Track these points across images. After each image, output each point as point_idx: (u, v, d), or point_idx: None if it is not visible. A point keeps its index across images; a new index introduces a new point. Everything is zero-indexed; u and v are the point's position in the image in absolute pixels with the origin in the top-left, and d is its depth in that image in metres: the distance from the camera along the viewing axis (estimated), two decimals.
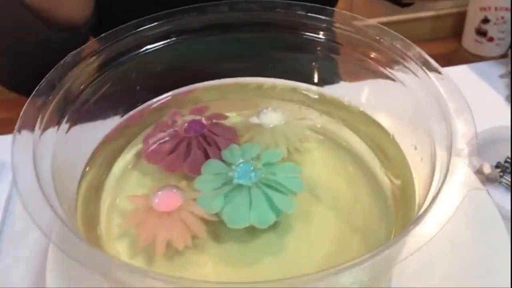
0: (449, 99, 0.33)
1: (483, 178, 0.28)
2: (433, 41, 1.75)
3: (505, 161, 0.50)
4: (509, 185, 0.46)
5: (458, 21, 1.74)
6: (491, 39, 1.64)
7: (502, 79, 0.58)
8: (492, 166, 0.31)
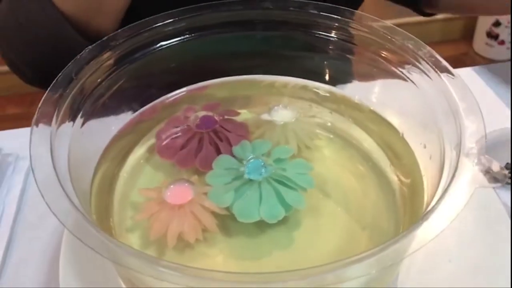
0: (459, 99, 0.33)
1: (491, 177, 0.28)
2: (443, 43, 1.75)
3: None
4: None
5: (469, 24, 1.73)
6: (502, 42, 1.64)
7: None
8: (500, 165, 0.31)
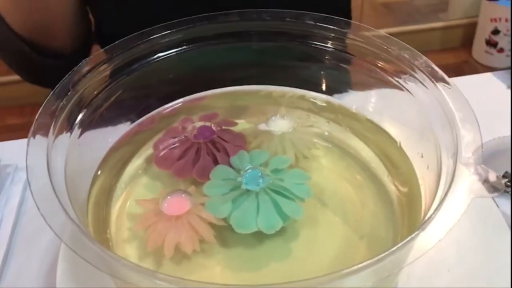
0: (456, 108, 0.33)
1: (490, 186, 0.28)
2: (443, 51, 1.75)
3: None
4: None
5: (468, 32, 1.74)
6: (502, 50, 1.64)
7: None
8: (498, 175, 0.31)
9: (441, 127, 0.34)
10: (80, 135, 0.36)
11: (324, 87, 0.45)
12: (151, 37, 0.40)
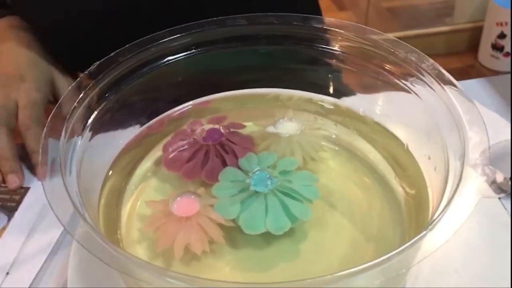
0: (463, 110, 0.34)
1: (496, 187, 0.28)
2: (448, 56, 1.75)
3: None
4: None
5: (474, 36, 1.73)
6: (508, 54, 1.64)
7: None
8: (505, 176, 0.31)
9: (449, 129, 0.34)
10: (91, 138, 0.37)
11: (331, 90, 0.46)
12: (160, 41, 0.40)
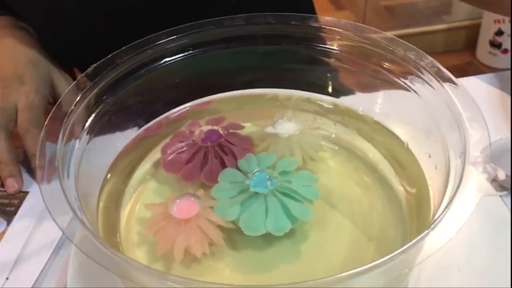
0: (463, 108, 0.33)
1: (498, 185, 0.28)
2: (447, 53, 1.75)
3: None
4: None
5: (472, 33, 1.73)
6: (506, 51, 1.64)
7: None
8: (506, 173, 0.30)
9: (448, 127, 0.34)
10: (89, 141, 0.36)
11: (330, 89, 0.45)
12: (157, 42, 0.40)
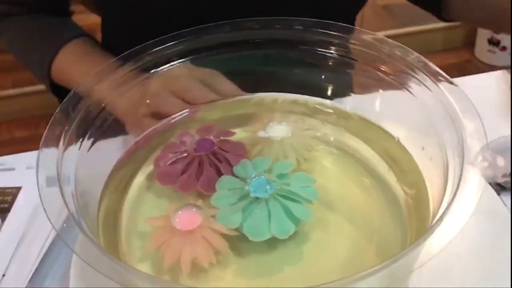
0: (460, 108, 0.33)
1: (497, 186, 0.28)
2: (445, 51, 1.75)
3: None
4: None
5: (470, 31, 1.73)
6: (504, 48, 1.63)
7: None
8: (505, 173, 0.31)
9: (446, 127, 0.34)
10: (90, 148, 0.37)
11: (317, 91, 0.45)
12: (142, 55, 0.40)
